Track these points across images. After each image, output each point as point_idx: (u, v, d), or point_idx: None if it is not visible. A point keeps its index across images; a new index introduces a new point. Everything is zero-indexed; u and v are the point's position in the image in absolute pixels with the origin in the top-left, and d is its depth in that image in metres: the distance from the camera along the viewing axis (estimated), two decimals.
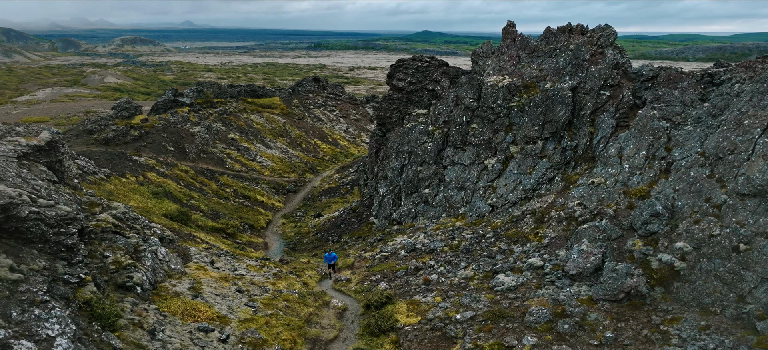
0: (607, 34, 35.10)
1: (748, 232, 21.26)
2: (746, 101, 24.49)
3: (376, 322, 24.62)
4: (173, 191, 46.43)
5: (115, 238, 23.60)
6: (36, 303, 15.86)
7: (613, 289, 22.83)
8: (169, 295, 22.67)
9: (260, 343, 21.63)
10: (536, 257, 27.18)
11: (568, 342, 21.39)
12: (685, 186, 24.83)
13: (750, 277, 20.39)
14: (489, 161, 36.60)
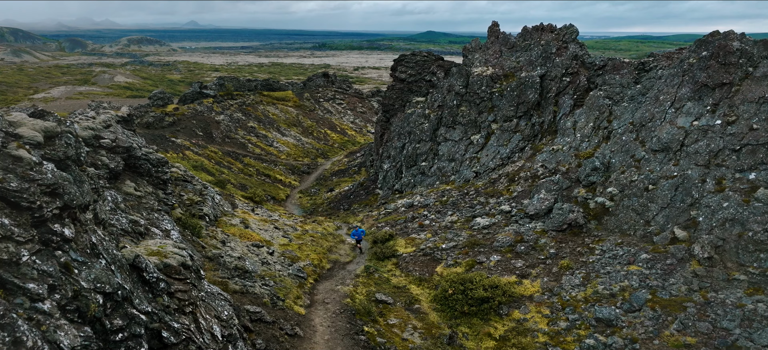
0: (570, 31, 42.76)
1: (655, 176, 28.90)
2: (663, 82, 32.13)
3: (381, 251, 32.37)
4: (207, 166, 54.28)
5: (185, 184, 31.44)
6: (154, 210, 23.69)
7: (558, 222, 30.52)
8: (227, 225, 30.48)
9: (296, 258, 29.44)
10: (506, 205, 34.87)
11: (523, 257, 29.13)
12: (618, 148, 32.48)
13: (654, 208, 28.03)
14: (474, 137, 44.31)
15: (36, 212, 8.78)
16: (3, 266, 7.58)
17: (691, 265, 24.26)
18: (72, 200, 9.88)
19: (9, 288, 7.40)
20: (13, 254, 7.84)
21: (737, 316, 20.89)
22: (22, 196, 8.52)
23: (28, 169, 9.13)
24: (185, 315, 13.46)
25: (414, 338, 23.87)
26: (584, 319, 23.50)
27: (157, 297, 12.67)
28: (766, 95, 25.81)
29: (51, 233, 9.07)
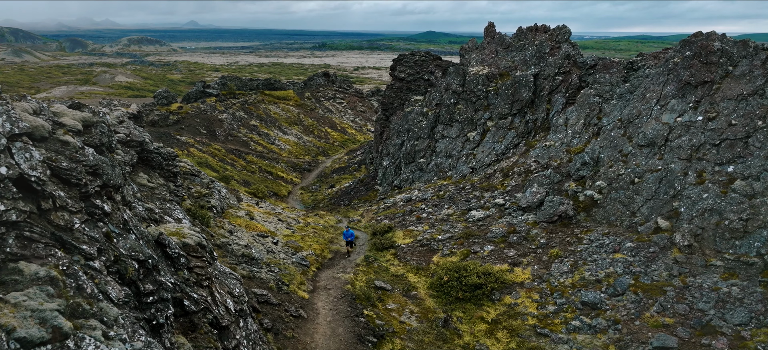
0: (563, 32, 44.23)
1: (641, 170, 30.37)
2: (650, 80, 33.60)
3: (380, 242, 33.85)
4: (211, 163, 55.76)
5: (193, 178, 32.91)
6: (166, 200, 25.16)
7: (549, 214, 31.99)
8: (233, 217, 31.96)
9: (299, 248, 30.92)
10: (500, 199, 36.34)
11: (515, 247, 30.61)
12: (607, 143, 33.95)
13: (639, 199, 29.50)
14: (471, 134, 45.79)
15: (82, 188, 10.27)
16: (61, 230, 9.07)
17: (672, 252, 25.73)
18: (109, 180, 11.37)
19: (67, 247, 8.88)
20: (68, 221, 9.32)
21: (712, 298, 22.37)
22: (71, 174, 10.00)
23: (74, 152, 10.61)
24: (203, 288, 14.94)
25: (411, 321, 25.34)
26: (571, 303, 24.97)
27: (178, 271, 14.15)
28: (744, 93, 27.28)
29: (94, 207, 10.56)
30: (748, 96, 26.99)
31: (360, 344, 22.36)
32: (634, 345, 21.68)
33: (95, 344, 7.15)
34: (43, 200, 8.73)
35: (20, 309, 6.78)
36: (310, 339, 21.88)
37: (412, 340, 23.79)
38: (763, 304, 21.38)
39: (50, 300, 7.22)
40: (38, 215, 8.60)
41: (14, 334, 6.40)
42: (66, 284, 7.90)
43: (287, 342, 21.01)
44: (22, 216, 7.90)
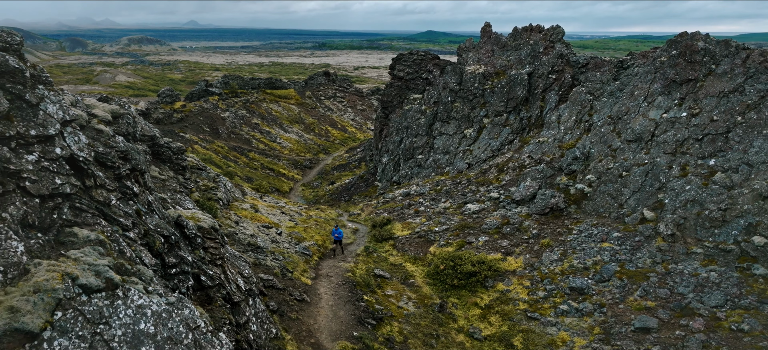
0: (557, 32, 45.62)
1: (628, 164, 31.77)
2: (638, 78, 35.00)
3: (379, 233, 35.24)
4: (215, 160, 57.15)
5: (200, 172, 34.31)
6: (176, 191, 26.56)
7: (541, 206, 33.39)
8: (238, 209, 33.36)
9: (302, 238, 32.31)
10: (495, 192, 37.73)
11: (508, 238, 32.00)
12: (597, 139, 35.35)
13: (627, 192, 30.89)
14: (467, 131, 47.19)
15: (116, 170, 11.68)
16: (101, 205, 10.47)
17: (656, 241, 27.15)
18: (137, 165, 12.78)
19: (109, 219, 10.28)
20: (106, 198, 10.72)
21: (692, 283, 23.78)
22: (107, 158, 11.41)
23: (108, 138, 12.02)
24: (216, 266, 16.34)
25: (408, 306, 26.74)
26: (560, 289, 26.39)
27: (195, 250, 15.55)
28: (726, 90, 28.68)
29: (125, 188, 11.97)
30: (729, 93, 28.39)
31: (360, 326, 23.75)
32: (618, 326, 23.10)
33: (139, 294, 8.58)
34: (87, 178, 10.14)
35: (79, 263, 8.20)
36: (314, 320, 23.27)
37: (410, 323, 25.20)
38: (738, 288, 22.79)
39: (101, 257, 8.64)
40: (83, 190, 10.02)
41: (77, 281, 7.82)
42: (111, 247, 9.32)
43: (292, 323, 22.41)
44: (74, 190, 9.31)
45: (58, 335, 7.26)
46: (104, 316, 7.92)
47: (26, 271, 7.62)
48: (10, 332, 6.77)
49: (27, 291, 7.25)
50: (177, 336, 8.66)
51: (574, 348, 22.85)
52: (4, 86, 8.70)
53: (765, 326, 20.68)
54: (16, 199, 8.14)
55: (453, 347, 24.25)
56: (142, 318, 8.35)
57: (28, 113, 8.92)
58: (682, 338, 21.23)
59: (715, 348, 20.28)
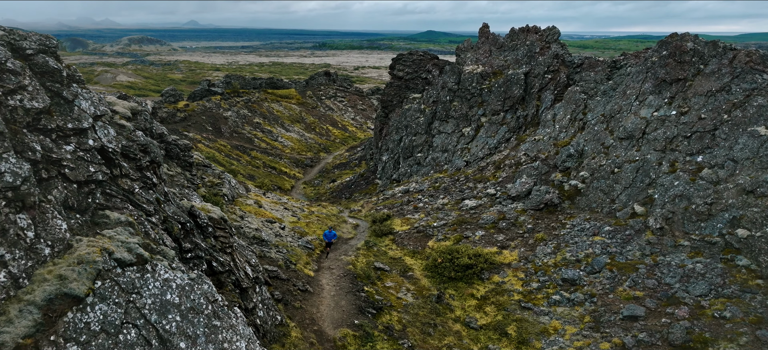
0: (552, 33, 46.69)
1: (620, 161, 32.83)
2: (631, 78, 36.06)
3: (379, 228, 36.31)
4: (218, 158, 58.23)
5: (205, 169, 35.40)
6: (184, 186, 27.64)
7: (536, 202, 34.45)
8: (243, 205, 34.44)
9: (304, 233, 33.38)
10: (491, 189, 38.80)
11: (504, 232, 33.08)
12: (590, 137, 36.41)
13: (618, 188, 31.96)
14: (465, 130, 48.27)
15: (137, 161, 12.75)
16: (126, 192, 11.55)
17: (646, 235, 28.21)
18: (155, 157, 13.86)
19: (135, 204, 11.36)
20: (130, 186, 11.80)
21: (678, 274, 24.84)
22: (129, 150, 12.48)
23: (130, 133, 13.09)
24: (226, 254, 17.42)
25: (407, 297, 27.81)
26: (553, 280, 27.46)
27: (207, 238, 16.63)
28: (713, 89, 29.75)
29: (146, 178, 13.04)
30: (716, 92, 29.46)
31: (361, 315, 24.83)
32: (607, 315, 24.17)
33: (164, 269, 9.66)
34: (114, 167, 11.23)
35: (114, 241, 9.28)
36: (316, 309, 24.35)
37: (408, 313, 26.27)
38: (722, 278, 23.85)
39: (132, 236, 9.72)
40: (112, 179, 11.10)
41: (113, 255, 8.90)
42: (138, 228, 10.41)
43: (296, 312, 23.48)
44: (105, 177, 10.39)
45: (98, 301, 8.35)
46: (136, 287, 9.01)
47: (70, 246, 8.71)
48: (60, 296, 7.86)
49: (72, 262, 8.34)
50: (198, 307, 9.74)
51: (566, 336, 23.91)
52: (44, 84, 9.79)
53: (746, 313, 21.74)
54: (58, 184, 9.22)
55: (450, 336, 25.30)
56: (168, 290, 9.43)
57: (65, 108, 10.00)
58: (667, 325, 22.28)
59: (698, 335, 21.33)
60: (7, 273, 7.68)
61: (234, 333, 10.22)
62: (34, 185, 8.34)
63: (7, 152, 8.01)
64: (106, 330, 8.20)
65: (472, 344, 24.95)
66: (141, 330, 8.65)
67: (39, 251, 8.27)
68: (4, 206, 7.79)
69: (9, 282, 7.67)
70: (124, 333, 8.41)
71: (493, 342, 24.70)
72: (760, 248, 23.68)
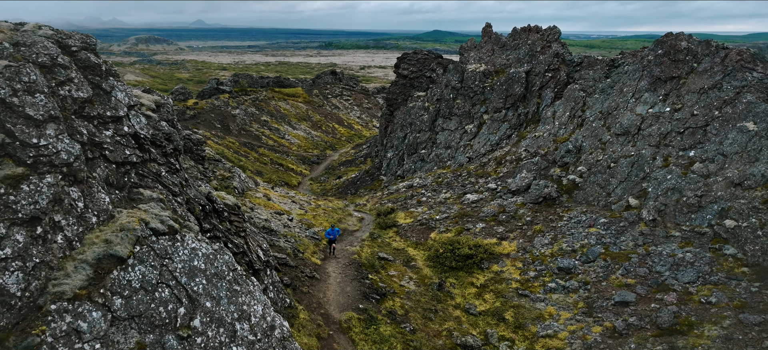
0: (553, 32, 47.84)
1: (616, 156, 33.98)
2: (628, 76, 37.19)
3: (384, 221, 37.62)
4: (227, 155, 59.70)
5: (216, 163, 36.80)
6: (197, 178, 29.03)
7: (535, 196, 35.65)
8: (253, 197, 35.82)
9: (311, 224, 34.74)
10: (492, 184, 40.03)
11: (504, 224, 34.30)
12: (588, 133, 37.56)
13: (614, 182, 33.12)
14: (468, 127, 49.49)
15: (163, 148, 14.11)
16: (152, 175, 12.90)
17: (639, 226, 29.38)
18: (177, 145, 15.23)
19: (163, 184, 12.71)
20: (157, 170, 13.15)
21: (669, 263, 26.01)
22: (156, 138, 13.84)
23: (155, 123, 14.45)
24: (240, 237, 18.78)
25: (410, 285, 29.10)
26: (549, 269, 28.69)
27: (223, 222, 17.99)
28: (705, 86, 30.87)
29: (170, 164, 14.40)
30: (708, 89, 30.58)
31: (365, 300, 26.14)
32: (600, 301, 25.38)
33: (191, 239, 11.01)
34: (145, 152, 12.59)
35: (148, 213, 10.65)
36: (323, 294, 25.69)
37: (410, 299, 27.56)
38: (709, 266, 25.01)
39: (163, 211, 11.08)
40: (143, 162, 12.47)
41: (149, 225, 10.25)
42: (168, 205, 11.77)
43: (304, 296, 24.83)
44: (138, 159, 11.76)
45: (137, 262, 9.70)
46: (168, 253, 10.37)
47: (112, 216, 10.07)
48: (107, 256, 9.23)
49: (115, 229, 9.71)
50: (221, 273, 11.10)
51: (560, 321, 25.13)
52: (87, 77, 11.15)
53: (730, 298, 22.89)
54: (101, 163, 10.59)
55: (450, 321, 26.58)
56: (195, 257, 10.79)
57: (104, 98, 11.37)
58: (656, 310, 23.47)
59: (685, 318, 22.51)
60: (63, 236, 9.05)
61: (251, 298, 11.57)
62: (83, 163, 9.72)
63: (62, 134, 9.39)
64: (145, 287, 9.57)
65: (471, 329, 26.21)
66: (173, 290, 10.01)
67: (87, 219, 9.65)
68: (60, 179, 9.17)
69: (65, 244, 9.04)
70: (159, 291, 9.78)
71: (491, 327, 25.95)
72: (746, 237, 24.82)
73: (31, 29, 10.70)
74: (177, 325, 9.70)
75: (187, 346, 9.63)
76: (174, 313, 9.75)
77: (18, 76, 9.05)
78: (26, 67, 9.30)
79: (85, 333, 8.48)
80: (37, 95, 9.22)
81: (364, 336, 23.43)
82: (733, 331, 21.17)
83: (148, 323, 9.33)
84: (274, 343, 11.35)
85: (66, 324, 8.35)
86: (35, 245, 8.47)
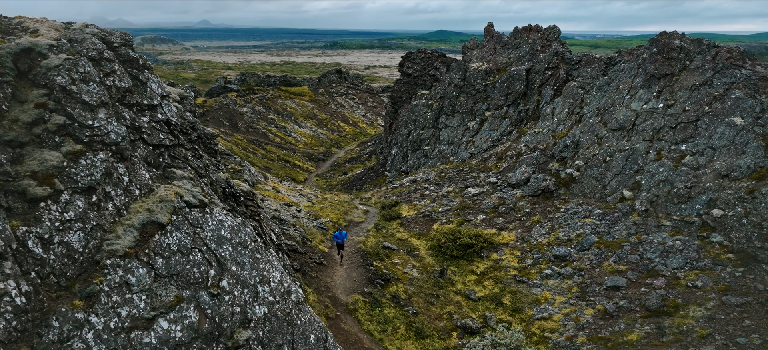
0: (553, 31, 49.19)
1: (612, 150, 35.33)
2: (624, 73, 38.53)
3: (388, 213, 39.08)
4: (236, 151, 61.33)
5: (227, 157, 38.35)
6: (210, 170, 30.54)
7: (534, 188, 37.04)
8: (262, 190, 37.35)
9: (319, 216, 36.25)
10: (493, 178, 41.43)
11: (504, 216, 35.70)
12: (586, 128, 38.91)
13: (609, 175, 34.46)
14: (470, 123, 50.91)
15: (188, 135, 15.63)
16: (182, 157, 14.42)
17: (632, 216, 30.74)
18: (201, 134, 16.75)
19: (191, 166, 14.22)
20: (184, 154, 14.66)
21: (658, 250, 27.38)
22: (183, 125, 15.36)
23: (181, 113, 15.98)
24: (255, 220, 20.29)
25: (413, 272, 30.56)
26: (545, 257, 30.09)
27: (239, 205, 19.50)
28: (697, 83, 32.19)
29: (195, 149, 15.93)
30: (700, 86, 31.90)
31: (370, 285, 27.62)
32: (593, 286, 26.77)
33: (219, 212, 12.52)
34: (174, 137, 14.11)
35: (181, 189, 12.16)
36: (331, 279, 27.19)
37: (414, 285, 29.02)
38: (697, 253, 26.36)
39: (194, 187, 12.60)
40: (173, 145, 13.98)
41: (183, 198, 11.76)
42: (197, 183, 13.29)
43: (312, 280, 26.34)
44: (170, 143, 13.28)
45: (174, 229, 11.21)
46: (199, 223, 11.88)
47: (152, 190, 11.59)
48: (150, 222, 10.74)
49: (155, 201, 11.23)
50: (244, 242, 12.60)
51: (555, 304, 26.55)
52: (127, 70, 12.68)
53: (715, 282, 24.25)
54: (141, 145, 12.11)
55: (451, 305, 28.02)
56: (222, 228, 12.30)
57: (141, 88, 12.90)
58: (645, 293, 24.84)
59: (672, 301, 23.88)
60: (113, 205, 10.58)
61: (270, 266, 13.07)
62: (127, 143, 11.25)
63: (111, 117, 10.91)
64: (181, 251, 11.08)
65: (470, 312, 27.66)
66: (204, 254, 11.52)
67: (132, 192, 11.17)
68: (110, 156, 10.70)
69: (114, 211, 10.57)
70: (193, 255, 11.29)
71: (490, 311, 27.38)
72: (731, 225, 26.16)
73: (80, 27, 12.23)
74: (208, 284, 11.21)
75: (217, 302, 11.14)
76: (205, 274, 11.26)
77: (75, 67, 10.59)
78: (81, 60, 10.83)
79: (133, 286, 10.00)
80: (90, 83, 10.75)
81: (370, 317, 24.92)
82: (716, 312, 22.54)
83: (185, 280, 10.83)
84: (290, 305, 12.83)
85: (118, 277, 9.88)
86: (92, 211, 9.99)
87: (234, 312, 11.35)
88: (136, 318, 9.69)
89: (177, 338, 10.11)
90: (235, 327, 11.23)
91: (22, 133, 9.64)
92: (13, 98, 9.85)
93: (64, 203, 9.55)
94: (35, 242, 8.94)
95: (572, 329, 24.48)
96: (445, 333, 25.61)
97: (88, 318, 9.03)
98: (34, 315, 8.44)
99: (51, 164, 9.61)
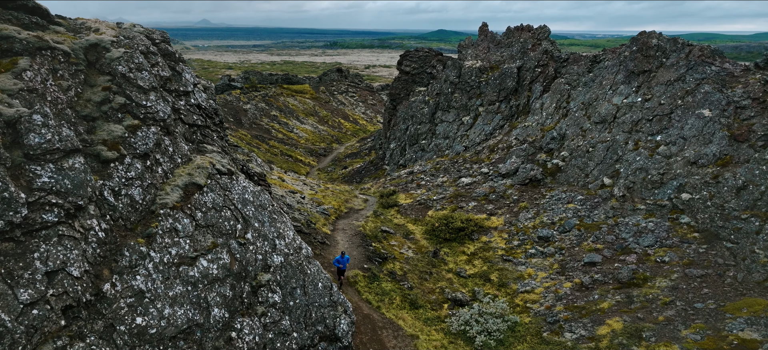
0: (543, 31, 51.82)
1: (594, 141, 37.94)
2: (607, 70, 41.14)
3: (386, 201, 41.69)
4: (240, 146, 63.99)
5: (235, 148, 40.96)
6: None
7: (522, 178, 39.65)
8: (268, 178, 39.96)
9: (321, 202, 38.86)
10: (485, 169, 44.04)
11: (493, 202, 38.32)
12: (571, 122, 41.52)
13: (592, 164, 37.06)
14: (465, 118, 53.52)
15: (213, 119, 18.24)
16: (210, 136, 17.03)
17: (611, 202, 33.35)
18: (222, 119, 19.37)
19: (218, 144, 16.84)
20: (210, 134, 17.28)
21: (632, 230, 29.98)
22: (208, 110, 17.98)
23: (207, 99, 18.59)
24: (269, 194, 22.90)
25: (408, 253, 33.16)
26: (530, 238, 32.70)
27: (254, 185, 22.10)
28: (671, 79, 34.80)
29: (218, 130, 18.54)
30: (674, 81, 34.51)
31: (369, 262, 30.23)
32: (572, 262, 29.38)
33: (243, 179, 15.14)
34: (203, 118, 16.73)
35: (213, 159, 14.78)
36: (332, 257, 29.79)
37: (409, 264, 31.63)
38: (666, 232, 28.98)
39: (223, 158, 15.22)
40: (204, 126, 16.60)
41: (215, 166, 14.38)
42: (224, 155, 15.91)
43: (316, 258, 28.92)
44: (201, 124, 15.90)
45: (209, 191, 13.83)
46: (228, 187, 14.49)
47: (190, 159, 14.21)
48: (191, 184, 13.36)
49: (194, 167, 13.85)
50: (264, 205, 15.22)
51: (537, 279, 29.17)
52: (167, 62, 15.30)
53: (681, 257, 26.86)
54: (180, 124, 14.73)
55: (443, 281, 30.64)
56: (246, 192, 14.92)
57: (177, 78, 15.51)
58: (618, 268, 27.46)
59: (641, 274, 26.50)
60: (161, 169, 13.19)
61: (285, 226, 15.69)
62: (172, 120, 13.87)
63: (160, 99, 13.53)
64: (215, 207, 13.69)
65: (461, 287, 30.27)
66: (233, 212, 14.14)
67: (175, 160, 13.79)
68: (159, 130, 13.31)
69: (163, 174, 13.18)
70: (223, 212, 13.90)
71: (478, 286, 29.99)
72: (698, 207, 28.78)
73: (129, 27, 14.85)
74: (236, 235, 13.82)
75: (244, 249, 13.76)
76: (234, 227, 13.87)
77: (131, 59, 13.21)
78: (135, 53, 13.46)
79: (180, 231, 12.61)
80: (143, 71, 13.38)
81: (368, 289, 27.54)
82: (679, 282, 25.17)
83: (218, 231, 13.45)
84: (302, 258, 15.45)
85: (169, 224, 12.49)
86: (147, 172, 12.61)
87: (257, 259, 13.96)
88: (182, 256, 12.30)
89: (213, 274, 12.72)
90: (258, 271, 13.85)
91: (94, 110, 12.25)
92: (85, 83, 12.46)
93: (127, 165, 12.17)
94: (109, 193, 11.56)
95: (551, 299, 27.10)
96: (437, 304, 28.23)
97: (149, 252, 11.65)
98: (111, 247, 11.06)
99: (116, 134, 12.22)
